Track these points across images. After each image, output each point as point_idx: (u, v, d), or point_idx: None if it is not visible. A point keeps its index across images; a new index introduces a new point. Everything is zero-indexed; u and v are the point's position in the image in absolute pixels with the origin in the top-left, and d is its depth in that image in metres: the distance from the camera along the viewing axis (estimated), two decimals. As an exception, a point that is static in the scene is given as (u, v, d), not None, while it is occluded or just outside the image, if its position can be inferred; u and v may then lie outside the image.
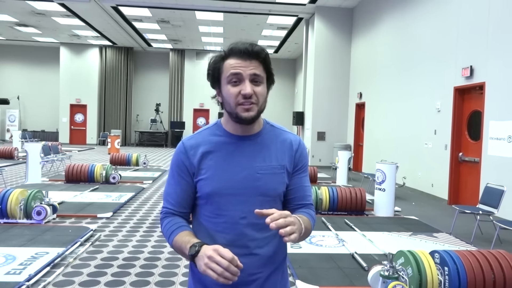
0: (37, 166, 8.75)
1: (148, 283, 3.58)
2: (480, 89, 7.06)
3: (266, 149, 1.33)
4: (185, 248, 1.21)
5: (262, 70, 1.26)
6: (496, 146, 6.50)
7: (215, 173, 1.29)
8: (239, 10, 13.87)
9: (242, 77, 1.23)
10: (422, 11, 9.07)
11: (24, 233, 4.88)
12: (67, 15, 15.58)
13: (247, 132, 1.32)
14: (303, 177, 1.39)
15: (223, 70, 1.26)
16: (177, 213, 1.35)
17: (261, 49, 1.26)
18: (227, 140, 1.32)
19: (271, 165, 1.31)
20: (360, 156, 12.73)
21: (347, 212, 6.50)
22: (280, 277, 1.38)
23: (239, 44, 1.26)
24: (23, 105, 22.52)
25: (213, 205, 1.30)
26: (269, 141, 1.34)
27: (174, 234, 1.29)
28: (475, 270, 3.07)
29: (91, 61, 21.36)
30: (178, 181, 1.34)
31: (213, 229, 1.30)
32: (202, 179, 1.30)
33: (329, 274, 3.90)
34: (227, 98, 1.26)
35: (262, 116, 1.34)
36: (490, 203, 5.33)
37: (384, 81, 11.03)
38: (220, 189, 1.28)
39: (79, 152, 16.83)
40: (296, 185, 1.37)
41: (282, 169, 1.33)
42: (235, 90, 1.24)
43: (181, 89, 22.02)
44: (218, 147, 1.31)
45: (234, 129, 1.32)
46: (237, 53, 1.25)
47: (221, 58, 1.28)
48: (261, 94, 1.26)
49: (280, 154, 1.34)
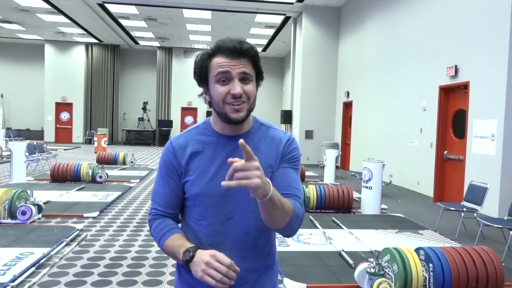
0: (22, 165, 8.62)
1: (136, 283, 3.56)
2: (464, 88, 7.17)
3: (255, 149, 1.24)
4: (178, 253, 1.19)
5: (251, 68, 1.23)
6: (480, 144, 6.61)
7: (202, 174, 1.26)
8: (227, 8, 13.85)
9: (231, 76, 1.20)
10: (409, 10, 9.17)
11: (9, 233, 4.81)
12: (52, 12, 15.35)
13: (236, 132, 1.29)
14: (290, 168, 1.31)
15: (211, 68, 1.23)
16: (166, 214, 1.33)
17: (250, 47, 1.23)
18: (216, 140, 1.30)
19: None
20: (348, 155, 12.83)
21: (334, 210, 6.55)
22: (268, 279, 1.36)
23: (227, 42, 1.22)
24: (7, 103, 22.13)
25: (200, 207, 1.28)
26: (258, 140, 1.31)
27: (165, 237, 1.26)
28: (459, 266, 3.13)
29: (77, 58, 21.08)
30: (167, 181, 1.31)
31: (200, 231, 1.28)
32: (189, 180, 1.28)
33: (316, 271, 3.93)
34: (216, 98, 1.23)
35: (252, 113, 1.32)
36: (474, 200, 5.43)
37: (371, 80, 11.13)
38: (207, 191, 1.26)
39: (65, 151, 16.62)
40: (280, 174, 1.29)
41: (270, 168, 1.29)
42: (223, 90, 1.20)
43: (169, 87, 21.89)
44: (206, 147, 1.29)
45: (223, 129, 1.29)
46: (225, 51, 1.21)
47: (208, 55, 1.24)
48: (251, 93, 1.23)
49: (269, 153, 1.30)
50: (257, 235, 1.29)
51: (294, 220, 1.22)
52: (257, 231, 1.28)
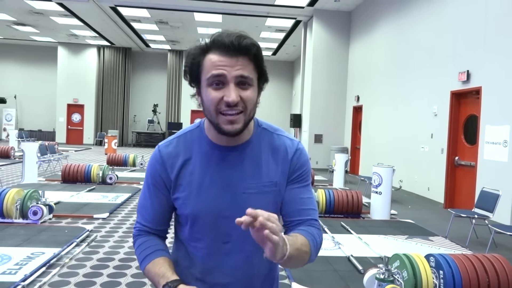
0: (34, 166, 8.72)
1: (144, 284, 3.58)
2: (476, 94, 7.10)
3: (256, 163, 1.11)
4: (158, 283, 1.05)
5: (252, 69, 1.03)
6: (492, 150, 6.53)
7: (194, 191, 1.10)
8: (237, 12, 13.90)
9: (226, 80, 1.00)
10: (420, 14, 9.11)
11: (20, 233, 4.87)
12: (65, 15, 15.56)
13: (233, 142, 1.10)
14: (301, 187, 1.15)
15: (204, 68, 1.03)
16: (152, 231, 1.18)
17: (251, 43, 1.01)
18: (210, 151, 1.11)
19: (261, 183, 1.11)
20: (357, 159, 12.76)
21: (343, 215, 6.51)
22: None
23: (224, 36, 1.01)
24: (20, 104, 22.45)
25: (193, 228, 1.13)
26: (259, 151, 1.12)
27: (147, 260, 1.12)
28: (470, 274, 3.09)
29: (89, 61, 21.32)
30: (155, 194, 1.15)
31: (193, 253, 1.15)
32: (179, 197, 1.12)
33: (324, 276, 3.91)
34: (207, 104, 1.04)
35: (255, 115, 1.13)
36: (485, 207, 5.36)
37: (381, 84, 11.07)
38: (200, 211, 1.10)
39: (76, 152, 16.79)
40: (291, 197, 1.13)
41: (274, 186, 1.12)
42: (216, 95, 1.01)
43: (179, 90, 22.01)
44: (199, 158, 1.11)
45: (218, 139, 1.10)
46: (221, 47, 1.01)
47: (201, 51, 1.05)
48: (249, 100, 1.02)
49: (273, 166, 1.12)
50: (258, 262, 1.14)
51: (313, 256, 1.09)
52: (258, 258, 1.08)
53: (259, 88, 1.08)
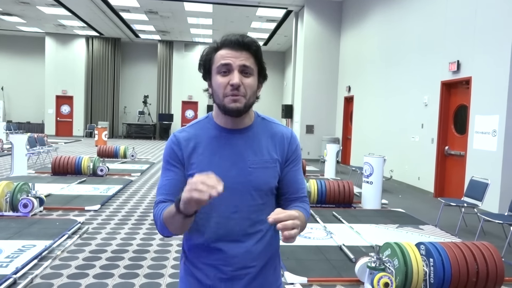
0: (23, 158, 8.62)
1: (137, 275, 3.58)
2: (466, 84, 7.15)
3: (257, 143, 1.32)
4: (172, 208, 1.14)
5: (252, 62, 1.26)
6: (481, 140, 6.61)
7: (205, 168, 1.24)
8: (228, 2, 13.77)
9: (231, 68, 1.23)
10: (411, 5, 9.12)
11: (10, 225, 4.83)
12: (53, 5, 15.28)
13: (237, 126, 1.31)
14: (296, 169, 1.38)
15: (214, 61, 1.27)
16: (168, 201, 1.28)
17: (252, 41, 1.26)
18: (218, 134, 1.31)
19: (263, 159, 1.31)
20: (348, 149, 12.83)
21: (335, 205, 6.56)
22: (272, 271, 1.38)
23: (231, 36, 1.27)
24: (7, 96, 22.11)
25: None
26: (260, 135, 1.33)
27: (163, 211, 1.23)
28: (459, 261, 3.14)
29: (78, 51, 21.03)
30: (172, 169, 1.31)
31: (204, 225, 1.29)
32: (193, 174, 1.18)
33: (317, 265, 3.95)
34: (216, 89, 1.26)
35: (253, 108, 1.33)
36: (474, 196, 5.44)
37: (373, 74, 11.10)
38: None
39: (66, 144, 16.63)
40: (288, 178, 1.36)
41: (274, 162, 1.32)
42: (224, 80, 1.24)
43: (170, 81, 21.85)
44: (209, 141, 1.31)
45: (225, 123, 1.31)
46: (229, 44, 1.25)
47: (213, 49, 1.28)
48: (249, 86, 1.25)
49: (272, 147, 1.33)
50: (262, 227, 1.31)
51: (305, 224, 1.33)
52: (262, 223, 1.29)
53: (258, 82, 1.30)
